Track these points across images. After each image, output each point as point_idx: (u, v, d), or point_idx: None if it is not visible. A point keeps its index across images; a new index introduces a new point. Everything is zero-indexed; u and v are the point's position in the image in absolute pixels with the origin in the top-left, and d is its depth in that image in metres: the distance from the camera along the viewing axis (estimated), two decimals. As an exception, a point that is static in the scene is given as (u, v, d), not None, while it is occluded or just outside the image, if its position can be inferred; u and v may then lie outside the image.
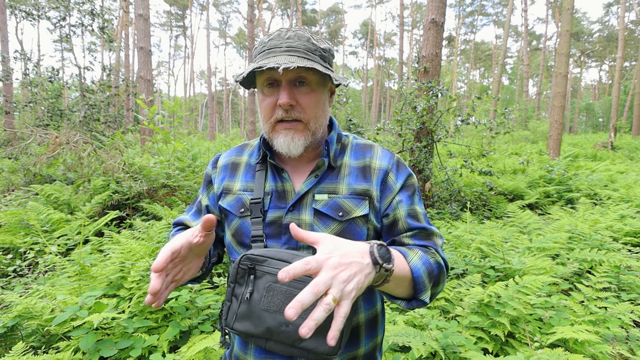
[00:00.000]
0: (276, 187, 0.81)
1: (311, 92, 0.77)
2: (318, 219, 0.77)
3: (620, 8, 19.60)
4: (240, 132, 31.95)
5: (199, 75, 61.86)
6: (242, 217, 0.80)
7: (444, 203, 5.25)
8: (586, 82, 56.95)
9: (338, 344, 0.67)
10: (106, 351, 1.65)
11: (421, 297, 0.73)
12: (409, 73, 6.24)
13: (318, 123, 0.79)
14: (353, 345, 0.79)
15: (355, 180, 0.81)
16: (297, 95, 0.76)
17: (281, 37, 0.76)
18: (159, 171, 4.68)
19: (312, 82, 0.76)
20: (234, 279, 0.73)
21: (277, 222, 0.78)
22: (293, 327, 0.67)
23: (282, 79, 0.75)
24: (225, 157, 0.92)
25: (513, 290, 1.98)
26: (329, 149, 0.83)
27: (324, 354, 0.67)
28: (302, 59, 0.73)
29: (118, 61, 24.72)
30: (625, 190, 5.61)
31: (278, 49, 0.75)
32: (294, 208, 0.78)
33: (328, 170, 0.82)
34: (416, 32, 37.59)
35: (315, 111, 0.78)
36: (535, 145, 14.82)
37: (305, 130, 0.77)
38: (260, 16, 31.43)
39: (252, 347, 0.78)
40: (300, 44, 0.75)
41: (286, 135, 0.76)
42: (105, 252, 2.89)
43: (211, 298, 2.12)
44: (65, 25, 8.57)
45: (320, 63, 0.76)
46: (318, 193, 0.79)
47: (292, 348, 0.68)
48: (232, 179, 0.87)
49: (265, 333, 0.68)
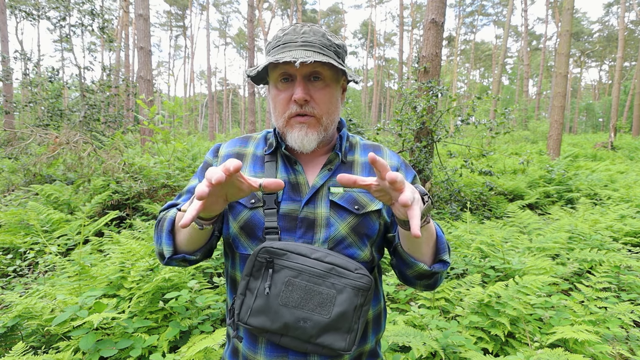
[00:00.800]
0: (289, 178, 0.79)
1: (325, 87, 0.76)
2: (334, 212, 0.77)
3: (620, 8, 19.60)
4: (240, 132, 31.96)
5: (199, 75, 61.88)
6: (253, 208, 0.77)
7: (444, 203, 5.25)
8: (586, 82, 56.98)
9: (352, 341, 0.68)
10: (106, 351, 1.64)
11: (444, 257, 0.76)
12: (409, 73, 6.24)
13: (330, 118, 0.79)
14: (362, 341, 0.81)
15: (368, 175, 0.82)
16: (311, 91, 0.75)
17: (296, 31, 0.76)
18: (159, 171, 4.68)
19: (327, 77, 0.76)
20: (249, 272, 0.71)
21: (291, 215, 0.76)
22: (310, 324, 0.67)
23: (297, 73, 0.74)
24: (228, 147, 0.88)
25: (513, 290, 1.98)
26: (342, 143, 0.83)
27: (338, 349, 0.68)
28: (318, 54, 0.73)
29: (118, 61, 24.72)
30: (625, 190, 5.62)
31: (293, 44, 0.74)
32: (309, 202, 0.77)
33: (340, 164, 0.82)
34: (416, 32, 37.61)
35: (328, 106, 0.78)
36: (535, 145, 14.82)
37: (318, 125, 0.77)
38: (260, 16, 31.43)
39: (263, 345, 0.76)
40: (315, 39, 0.75)
41: (300, 130, 0.76)
42: (105, 252, 2.88)
43: (211, 298, 2.11)
44: (65, 25, 8.57)
45: (335, 59, 0.76)
46: (333, 186, 0.79)
47: (308, 344, 0.68)
48: None
49: (282, 329, 0.68)
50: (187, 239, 0.73)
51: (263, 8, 35.75)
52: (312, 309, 0.68)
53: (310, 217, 0.76)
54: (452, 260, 2.81)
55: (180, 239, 0.74)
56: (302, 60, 0.68)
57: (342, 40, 0.81)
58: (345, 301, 0.68)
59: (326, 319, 0.67)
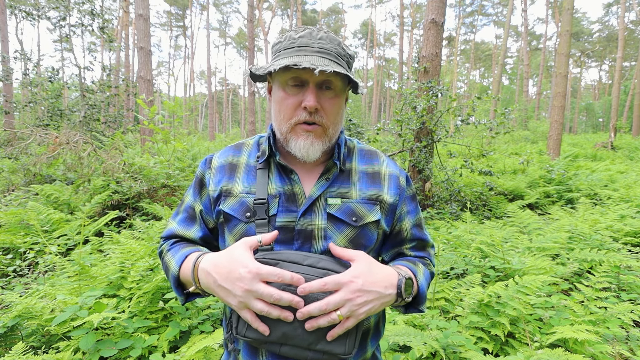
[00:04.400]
0: (284, 189, 0.77)
1: (335, 97, 0.75)
2: (332, 224, 0.75)
3: (620, 8, 19.60)
4: (240, 132, 31.94)
5: (199, 75, 61.86)
6: (249, 222, 0.75)
7: (444, 203, 5.25)
8: (586, 82, 56.94)
9: (352, 345, 0.68)
10: (106, 351, 1.64)
11: (421, 307, 0.79)
12: (409, 73, 6.24)
13: (336, 129, 0.77)
14: (362, 349, 0.80)
15: (366, 185, 0.81)
16: (321, 100, 0.73)
17: (313, 36, 0.73)
18: (159, 171, 4.68)
19: (337, 87, 0.75)
20: None
21: (288, 227, 0.75)
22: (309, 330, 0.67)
23: (311, 80, 0.72)
24: (221, 157, 0.85)
25: (513, 290, 1.98)
26: (340, 152, 0.81)
27: (338, 354, 0.67)
28: (335, 63, 0.71)
29: (118, 61, 24.71)
30: (625, 190, 5.61)
31: (310, 48, 0.72)
32: (306, 213, 0.75)
33: (338, 173, 0.80)
34: (416, 32, 37.59)
35: (335, 117, 0.76)
36: (535, 145, 14.81)
37: (324, 136, 0.75)
38: (261, 16, 31.43)
39: (264, 357, 0.74)
40: (332, 47, 0.73)
41: (306, 139, 0.74)
42: (105, 252, 2.88)
43: (211, 298, 2.11)
44: (65, 25, 8.57)
45: (346, 69, 0.75)
46: (330, 197, 0.77)
47: (308, 351, 0.67)
48: (232, 180, 0.81)
49: (281, 338, 0.66)
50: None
51: (263, 8, 35.75)
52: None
53: (308, 229, 0.75)
54: (452, 260, 2.81)
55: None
56: (322, 68, 0.67)
57: (352, 50, 0.79)
58: None
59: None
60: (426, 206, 5.24)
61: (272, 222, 0.75)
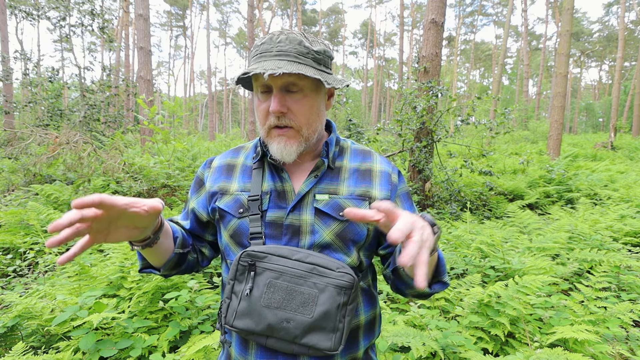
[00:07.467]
0: (275, 186, 0.80)
1: (303, 98, 0.75)
2: (319, 218, 0.77)
3: (620, 8, 19.60)
4: (240, 132, 31.93)
5: (199, 75, 61.88)
6: (242, 217, 0.79)
7: (444, 203, 5.25)
8: (586, 82, 56.93)
9: (339, 340, 0.68)
10: (106, 351, 1.65)
11: (443, 278, 0.76)
12: (409, 73, 6.25)
13: (311, 129, 0.78)
14: (352, 347, 0.80)
15: (355, 182, 0.81)
16: (288, 102, 0.74)
17: (273, 40, 0.73)
18: (159, 171, 4.68)
19: (305, 87, 0.74)
20: (233, 276, 0.73)
21: (277, 222, 0.77)
22: (294, 324, 0.68)
23: (273, 85, 0.73)
24: (220, 159, 0.90)
25: (513, 290, 1.98)
26: (329, 150, 0.82)
27: (324, 349, 0.68)
28: (292, 63, 0.71)
29: (118, 61, 24.72)
30: (625, 190, 5.61)
31: (268, 53, 0.73)
32: (294, 208, 0.77)
33: (327, 171, 0.82)
34: (416, 32, 37.60)
35: (307, 117, 0.76)
36: (535, 145, 14.82)
37: (297, 137, 0.76)
38: (261, 16, 31.43)
39: (254, 350, 0.77)
40: (291, 48, 0.72)
41: (279, 142, 0.75)
42: (105, 252, 2.89)
43: (211, 298, 2.12)
44: (65, 25, 8.57)
45: (313, 66, 0.74)
46: (319, 193, 0.79)
47: (293, 345, 0.69)
48: (229, 180, 0.85)
49: (266, 330, 0.69)
50: (149, 257, 0.79)
51: (263, 8, 35.75)
52: (294, 309, 0.68)
53: (296, 224, 0.77)
54: (453, 260, 2.81)
55: (147, 255, 0.78)
56: (271, 72, 0.67)
57: (324, 45, 0.77)
58: (328, 300, 0.68)
59: (309, 318, 0.68)
60: (426, 206, 5.25)
61: (264, 217, 0.78)
